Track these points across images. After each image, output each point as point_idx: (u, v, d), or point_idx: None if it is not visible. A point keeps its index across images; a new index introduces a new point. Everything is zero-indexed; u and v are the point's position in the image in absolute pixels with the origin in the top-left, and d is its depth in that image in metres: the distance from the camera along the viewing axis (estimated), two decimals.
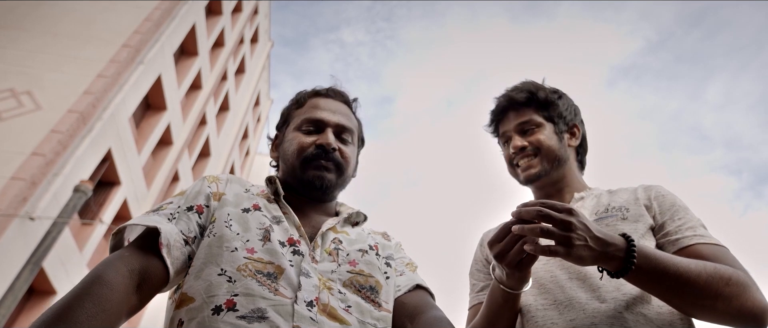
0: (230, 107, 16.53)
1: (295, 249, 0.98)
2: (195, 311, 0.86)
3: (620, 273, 0.92)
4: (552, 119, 1.33)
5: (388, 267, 1.09)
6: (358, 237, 1.13)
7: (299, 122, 1.18)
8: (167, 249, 0.91)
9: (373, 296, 0.99)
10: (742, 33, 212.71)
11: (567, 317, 1.06)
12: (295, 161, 1.13)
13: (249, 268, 0.90)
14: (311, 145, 1.13)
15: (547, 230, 0.90)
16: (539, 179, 1.29)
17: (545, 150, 1.28)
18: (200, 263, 0.92)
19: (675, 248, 1.08)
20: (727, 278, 0.95)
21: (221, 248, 0.93)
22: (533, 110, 1.32)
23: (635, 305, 1.03)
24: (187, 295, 0.90)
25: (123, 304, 0.80)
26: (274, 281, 0.90)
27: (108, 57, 9.16)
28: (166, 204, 1.02)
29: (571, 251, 0.89)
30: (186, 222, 0.98)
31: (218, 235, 0.96)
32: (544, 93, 1.34)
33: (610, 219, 1.17)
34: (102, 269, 0.83)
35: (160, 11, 10.42)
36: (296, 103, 1.25)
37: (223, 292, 0.87)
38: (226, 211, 1.01)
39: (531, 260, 0.97)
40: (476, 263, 1.36)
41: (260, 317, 0.84)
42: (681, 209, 1.16)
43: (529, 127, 1.31)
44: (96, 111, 8.37)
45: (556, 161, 1.29)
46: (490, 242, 0.98)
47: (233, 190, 1.08)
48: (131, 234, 0.98)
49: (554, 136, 1.31)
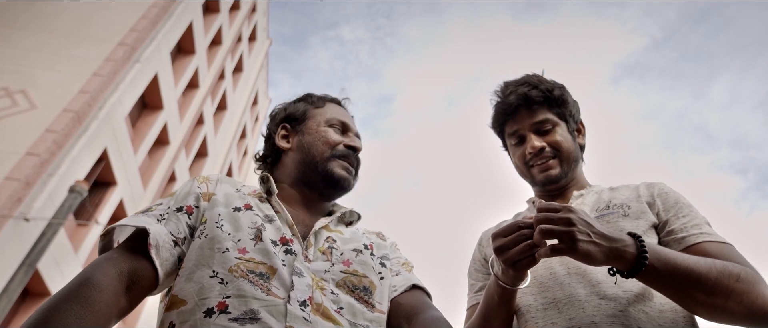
0: (228, 106, 16.53)
1: (287, 248, 0.98)
2: (187, 314, 0.86)
3: (632, 272, 0.92)
4: (565, 118, 1.31)
5: (383, 267, 1.09)
6: (353, 236, 1.13)
7: (329, 120, 1.22)
8: (156, 250, 0.91)
9: (366, 297, 0.98)
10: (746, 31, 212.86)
11: (567, 315, 1.05)
12: (324, 153, 1.16)
13: (241, 268, 0.90)
14: (340, 143, 1.18)
15: (547, 230, 0.90)
16: (559, 182, 1.27)
17: (565, 152, 1.27)
18: (191, 265, 0.92)
19: (681, 246, 1.07)
20: (737, 275, 0.94)
21: (213, 249, 0.93)
22: (547, 109, 1.29)
23: (637, 302, 1.02)
24: (178, 297, 0.89)
25: (112, 306, 0.80)
26: (267, 281, 0.90)
27: (104, 55, 9.16)
28: (156, 205, 1.02)
29: (576, 247, 0.88)
30: (175, 223, 0.98)
31: (209, 236, 0.95)
32: (559, 91, 1.31)
33: (612, 216, 1.16)
34: (90, 271, 0.83)
35: (157, 9, 10.41)
36: (312, 103, 1.27)
37: (214, 294, 0.86)
38: (216, 211, 1.00)
39: (529, 263, 0.96)
40: (475, 262, 1.36)
41: (253, 319, 0.84)
42: (685, 206, 1.15)
43: (546, 128, 1.28)
44: (91, 110, 8.37)
45: (574, 162, 1.29)
46: (494, 234, 0.98)
47: (224, 190, 1.08)
48: (121, 236, 0.98)
49: (569, 136, 1.30)
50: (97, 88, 8.51)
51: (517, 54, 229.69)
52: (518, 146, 1.32)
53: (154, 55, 10.16)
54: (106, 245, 0.96)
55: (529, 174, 1.31)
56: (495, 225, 1.42)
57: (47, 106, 8.06)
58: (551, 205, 0.93)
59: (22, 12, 9.70)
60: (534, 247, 0.93)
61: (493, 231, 0.99)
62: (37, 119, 7.82)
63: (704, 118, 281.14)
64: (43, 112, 7.95)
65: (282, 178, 1.19)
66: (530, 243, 0.93)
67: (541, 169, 1.26)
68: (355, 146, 1.19)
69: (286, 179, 1.19)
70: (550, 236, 0.90)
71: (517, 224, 0.96)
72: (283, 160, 1.22)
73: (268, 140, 1.28)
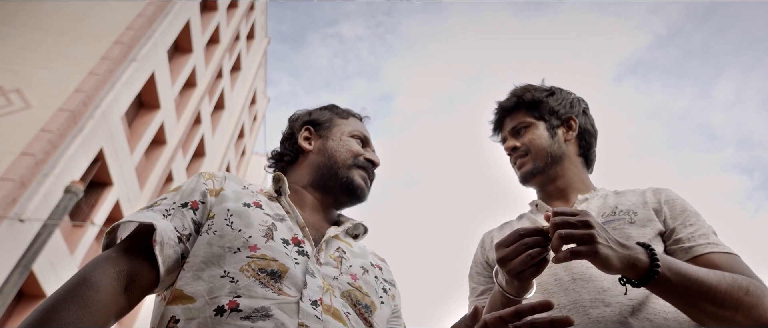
0: (226, 106, 16.54)
1: (300, 249, 0.98)
2: (195, 311, 0.86)
3: (643, 282, 0.92)
4: (543, 117, 1.38)
5: (384, 293, 1.09)
6: (361, 252, 1.14)
7: (353, 132, 1.27)
8: (160, 247, 0.90)
9: (367, 315, 0.99)
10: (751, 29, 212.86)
11: None
12: (347, 160, 1.20)
13: (251, 267, 0.90)
14: (362, 155, 1.23)
15: (567, 234, 0.89)
16: (534, 177, 1.34)
17: (536, 148, 1.34)
18: (199, 261, 0.92)
19: (688, 255, 1.08)
20: (746, 288, 0.96)
21: (223, 248, 0.93)
22: (524, 112, 1.40)
23: (641, 310, 1.03)
24: (184, 293, 0.89)
25: (110, 306, 0.80)
26: (278, 280, 0.90)
27: (100, 54, 9.16)
28: (160, 200, 1.01)
29: (597, 249, 0.89)
30: (181, 219, 0.97)
31: (219, 233, 0.95)
32: (531, 94, 1.40)
33: (617, 222, 1.17)
34: (88, 270, 0.83)
35: (154, 7, 10.42)
36: (337, 113, 1.33)
37: (225, 292, 0.86)
38: (225, 206, 1.00)
39: (533, 273, 0.96)
40: (476, 265, 1.35)
41: (265, 315, 0.84)
42: (692, 214, 1.16)
43: (520, 128, 1.39)
44: (87, 109, 8.37)
45: (549, 158, 1.33)
46: (497, 245, 0.98)
47: (231, 187, 1.08)
48: (124, 233, 0.98)
49: (545, 134, 1.36)
50: (93, 87, 8.51)
51: (519, 52, 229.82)
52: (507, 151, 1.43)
53: (150, 54, 10.16)
54: (110, 243, 0.96)
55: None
56: (498, 226, 1.42)
57: (42, 106, 8.06)
58: (567, 210, 0.93)
59: (17, 10, 9.70)
60: (537, 256, 0.93)
61: (497, 241, 1.00)
62: (33, 119, 7.82)
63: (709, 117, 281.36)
64: (39, 112, 7.96)
65: (296, 179, 1.21)
66: (533, 253, 0.93)
67: (518, 166, 1.38)
68: (374, 161, 1.25)
69: (301, 180, 1.20)
70: (569, 240, 0.90)
71: (519, 232, 0.95)
72: (301, 161, 1.24)
73: (288, 140, 1.30)
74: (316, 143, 1.25)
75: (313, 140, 1.26)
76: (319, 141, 1.25)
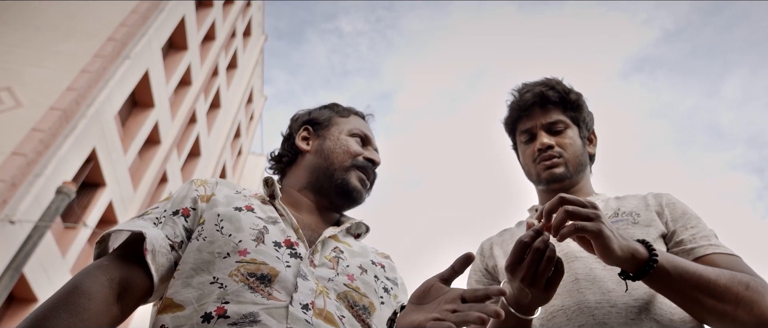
0: (221, 104, 16.54)
1: (292, 251, 0.98)
2: (183, 319, 0.86)
3: (641, 274, 0.94)
4: (578, 122, 1.36)
5: (386, 293, 1.08)
6: (362, 251, 1.14)
7: (352, 130, 1.25)
8: (152, 255, 0.91)
9: (364, 316, 0.98)
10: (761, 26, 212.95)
11: (576, 322, 1.06)
12: (344, 161, 1.19)
13: (241, 272, 0.90)
14: (360, 154, 1.21)
15: (573, 210, 0.92)
16: (562, 182, 1.30)
17: (571, 154, 1.31)
18: (189, 268, 0.92)
19: (690, 257, 1.09)
20: (746, 284, 0.97)
21: (213, 253, 0.93)
22: (561, 110, 1.35)
23: (647, 310, 1.05)
24: (174, 301, 0.89)
25: (103, 315, 0.80)
26: (268, 284, 0.90)
27: (92, 51, 9.17)
28: (152, 209, 1.02)
29: (601, 227, 0.91)
30: (172, 226, 0.98)
31: (209, 239, 0.96)
32: (575, 95, 1.37)
33: (621, 223, 1.19)
34: (80, 278, 0.83)
35: (147, 3, 10.42)
36: (337, 112, 1.31)
37: (213, 299, 0.87)
38: (216, 211, 1.01)
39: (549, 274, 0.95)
40: (475, 273, 1.34)
41: (252, 321, 0.84)
42: (693, 217, 1.18)
43: (558, 128, 1.33)
44: (79, 108, 8.38)
45: (579, 166, 1.32)
46: (506, 267, 0.97)
47: (223, 192, 1.09)
48: (116, 242, 0.99)
49: (579, 141, 1.34)
50: (85, 85, 8.52)
51: (523, 49, 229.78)
52: (528, 144, 1.36)
53: (144, 51, 10.16)
54: (101, 252, 0.97)
55: (534, 172, 1.34)
56: (497, 233, 1.42)
57: (34, 104, 8.07)
58: (572, 197, 0.95)
59: (7, 6, 9.71)
60: (544, 251, 0.93)
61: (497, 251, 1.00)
62: (23, 118, 7.83)
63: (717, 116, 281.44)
64: (30, 111, 7.96)
65: (293, 181, 1.21)
66: (535, 255, 0.92)
67: (546, 166, 1.30)
68: (375, 160, 1.23)
69: (297, 182, 1.20)
70: (575, 217, 0.92)
71: (523, 241, 0.95)
72: (299, 162, 1.25)
73: (287, 140, 1.30)
74: (314, 144, 1.25)
75: (312, 140, 1.26)
76: (316, 141, 1.25)
